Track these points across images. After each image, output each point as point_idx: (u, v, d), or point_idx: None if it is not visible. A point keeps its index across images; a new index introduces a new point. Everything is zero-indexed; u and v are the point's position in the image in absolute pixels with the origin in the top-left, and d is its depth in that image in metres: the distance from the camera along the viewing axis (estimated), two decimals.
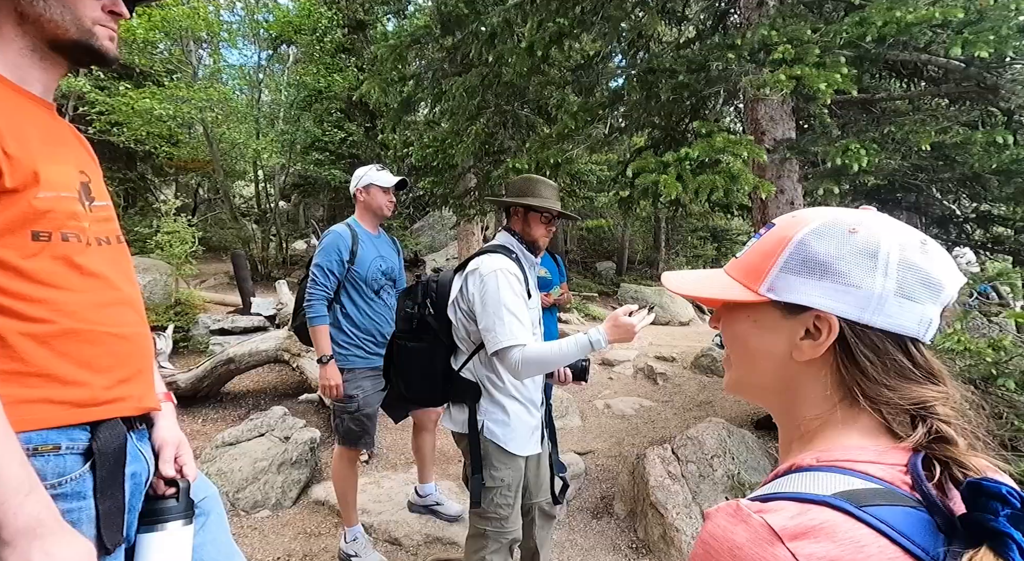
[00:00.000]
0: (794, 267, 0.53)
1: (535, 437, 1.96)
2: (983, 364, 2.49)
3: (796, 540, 0.40)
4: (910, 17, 2.41)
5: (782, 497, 0.45)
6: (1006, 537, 0.39)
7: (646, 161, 2.69)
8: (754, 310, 0.57)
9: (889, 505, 0.43)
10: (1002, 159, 2.44)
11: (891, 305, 0.50)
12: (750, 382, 0.61)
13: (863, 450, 0.49)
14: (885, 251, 0.51)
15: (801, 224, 0.55)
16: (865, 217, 0.54)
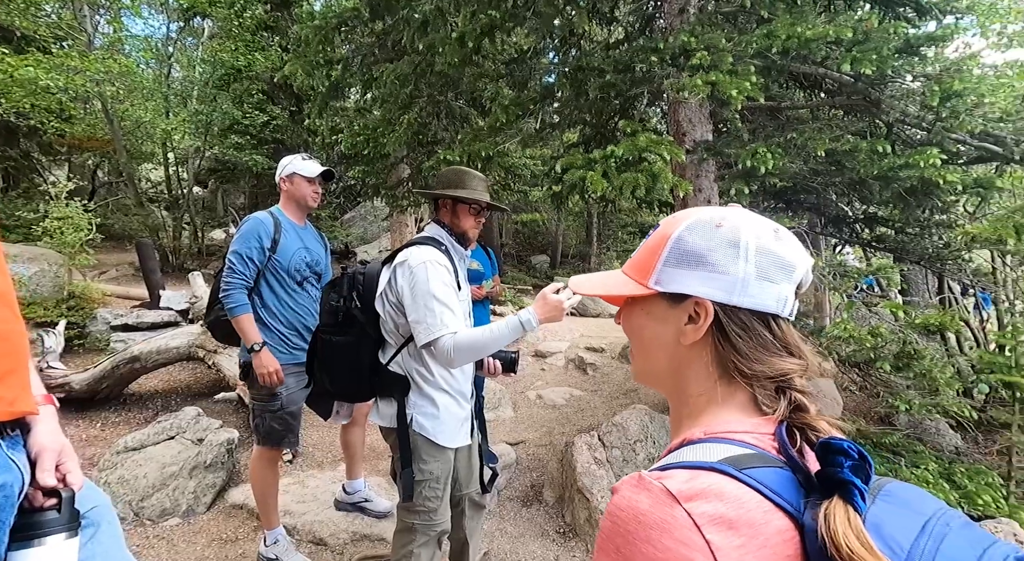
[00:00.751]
0: (674, 261, 0.60)
1: (465, 429, 1.97)
2: (864, 349, 2.81)
3: (691, 501, 0.45)
4: (809, 33, 2.64)
5: (677, 466, 0.50)
6: (850, 485, 0.46)
7: (574, 157, 2.76)
8: (646, 303, 0.63)
9: (762, 467, 0.49)
10: (882, 166, 2.75)
11: (753, 287, 0.57)
12: (649, 370, 0.66)
13: (741, 422, 0.56)
14: (745, 240, 0.58)
15: (678, 222, 0.62)
16: (729, 213, 0.61)
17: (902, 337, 2.78)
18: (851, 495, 0.46)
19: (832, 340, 2.99)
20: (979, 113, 2.73)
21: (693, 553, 0.43)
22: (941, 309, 4.33)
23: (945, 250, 3.95)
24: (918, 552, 0.44)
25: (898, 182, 2.90)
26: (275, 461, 2.56)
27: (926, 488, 2.59)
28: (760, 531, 0.44)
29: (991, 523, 2.37)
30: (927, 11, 3.43)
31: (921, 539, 0.45)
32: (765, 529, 0.44)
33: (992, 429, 3.68)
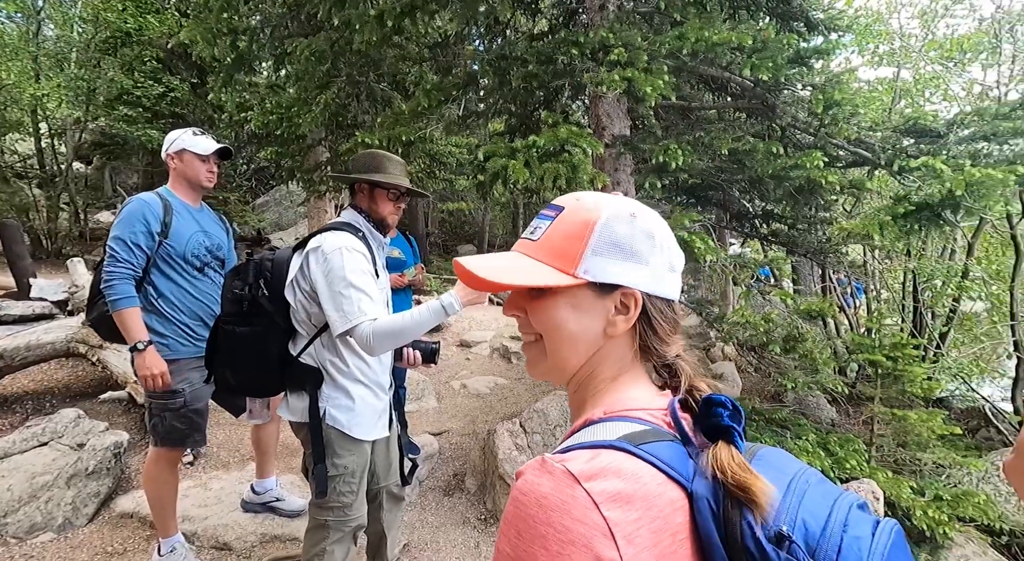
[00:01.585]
0: (603, 250, 0.59)
1: (383, 421, 1.92)
2: (758, 334, 3.08)
3: (591, 480, 0.47)
4: (715, 38, 2.81)
5: (579, 447, 0.52)
6: (731, 429, 0.53)
7: (496, 146, 2.76)
8: (570, 294, 0.60)
9: (657, 442, 0.52)
10: (776, 166, 3.01)
11: (667, 276, 0.62)
12: (566, 365, 0.63)
13: (638, 400, 0.59)
14: (656, 232, 0.62)
15: (596, 209, 0.61)
16: (633, 204, 0.63)
17: (789, 322, 3.09)
18: (732, 437, 0.53)
19: (732, 326, 3.26)
20: (854, 122, 3.07)
21: (591, 531, 0.44)
22: (822, 297, 4.84)
23: (827, 244, 4.41)
24: (785, 507, 0.49)
25: (789, 181, 3.19)
26: (175, 463, 2.36)
27: (805, 457, 2.90)
28: (654, 503, 0.47)
29: (855, 483, 2.71)
30: (815, 27, 3.79)
31: (787, 496, 0.50)
32: (659, 501, 0.47)
33: (860, 402, 4.20)
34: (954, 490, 2.89)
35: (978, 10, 5.76)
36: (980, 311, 6.04)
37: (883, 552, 0.47)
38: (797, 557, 0.45)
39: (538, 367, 0.65)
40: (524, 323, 0.65)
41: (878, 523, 0.50)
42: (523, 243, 0.64)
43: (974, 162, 2.61)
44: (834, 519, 0.48)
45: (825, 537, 0.47)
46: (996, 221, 5.09)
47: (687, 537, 0.48)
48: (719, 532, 0.47)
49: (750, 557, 0.46)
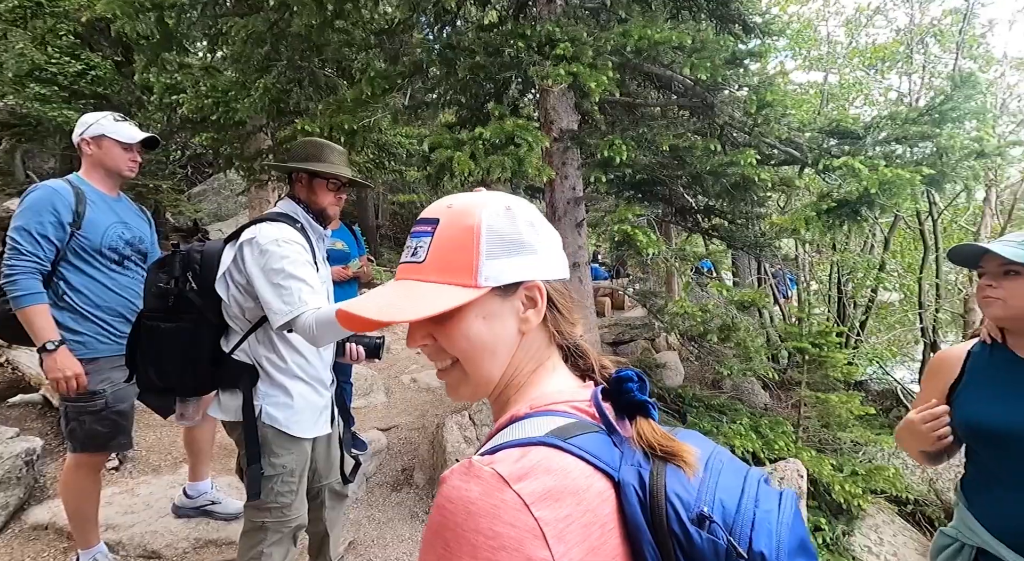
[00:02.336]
0: (496, 251, 0.58)
1: (324, 418, 1.88)
2: (696, 324, 3.23)
3: (521, 480, 0.46)
4: (657, 36, 2.89)
5: (507, 446, 0.51)
6: (645, 403, 0.55)
7: (441, 137, 2.73)
8: (478, 306, 0.58)
9: (583, 434, 0.52)
10: (714, 163, 3.15)
11: (556, 257, 0.63)
12: (492, 378, 0.61)
13: (563, 392, 0.59)
14: (534, 217, 0.62)
15: (472, 212, 0.59)
16: (500, 196, 0.62)
17: (725, 312, 3.25)
18: (648, 411, 0.56)
19: (672, 316, 3.39)
20: (784, 122, 3.24)
21: (522, 533, 0.44)
22: (756, 288, 5.11)
23: (762, 238, 4.66)
24: (705, 488, 0.51)
25: (726, 178, 3.34)
26: (96, 469, 2.21)
27: (739, 440, 3.07)
28: (583, 497, 0.47)
29: (783, 463, 2.89)
30: (752, 30, 3.96)
31: (706, 477, 0.52)
32: (587, 494, 0.48)
33: (790, 387, 4.47)
34: (868, 465, 3.15)
35: (894, 22, 6.24)
36: (895, 301, 6.57)
37: (789, 522, 0.51)
38: (717, 536, 0.47)
39: (461, 390, 0.63)
40: (435, 350, 0.61)
41: (781, 495, 0.54)
42: (408, 268, 0.61)
43: (888, 163, 2.82)
44: (747, 496, 0.51)
45: (740, 514, 0.49)
46: (908, 218, 5.56)
47: (615, 527, 0.48)
48: (646, 518, 0.48)
49: (675, 539, 0.48)
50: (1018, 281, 1.25)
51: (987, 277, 1.31)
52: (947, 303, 5.73)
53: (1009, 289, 1.26)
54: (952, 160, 2.73)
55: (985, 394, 1.33)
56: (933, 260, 5.32)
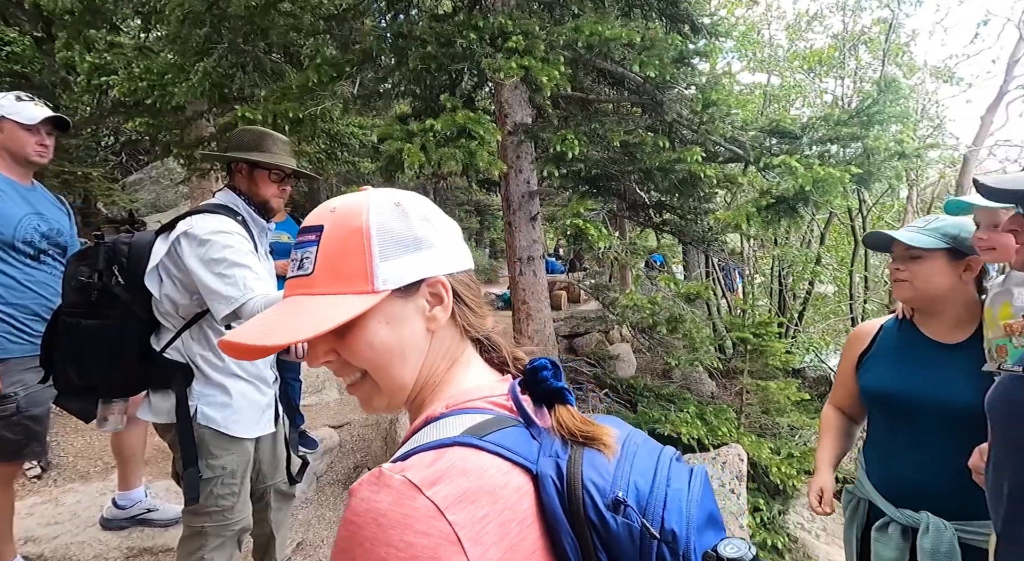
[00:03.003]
0: (391, 251, 0.55)
1: (267, 417, 1.81)
2: (646, 316, 3.32)
3: (434, 486, 0.45)
4: (608, 33, 2.93)
5: (421, 449, 0.49)
6: (562, 390, 0.55)
7: (391, 128, 2.67)
8: (380, 311, 0.55)
9: (500, 429, 0.51)
10: (662, 159, 3.23)
11: (457, 250, 0.61)
12: (406, 385, 0.58)
13: (480, 388, 0.58)
14: (428, 210, 0.61)
15: (358, 213, 0.56)
16: (386, 193, 0.60)
17: (672, 304, 3.36)
18: (565, 397, 0.56)
19: (623, 309, 3.47)
20: (729, 121, 3.36)
21: (436, 541, 0.43)
22: (703, 281, 5.31)
23: (709, 233, 4.83)
24: (620, 473, 0.51)
25: (674, 173, 3.44)
26: (10, 479, 2.06)
27: (685, 427, 3.19)
28: (500, 495, 0.47)
29: (725, 448, 3.03)
30: (700, 30, 4.08)
31: (622, 461, 0.53)
32: (504, 491, 0.47)
33: (734, 375, 4.68)
34: (803, 448, 3.35)
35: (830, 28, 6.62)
36: (830, 292, 6.99)
37: (698, 498, 0.52)
38: (631, 519, 0.48)
39: (376, 402, 0.60)
40: (341, 365, 0.58)
41: (692, 472, 0.56)
42: (296, 282, 0.57)
43: (822, 162, 2.99)
44: (659, 476, 0.52)
45: (653, 495, 0.50)
46: (841, 215, 5.95)
47: (534, 521, 0.48)
48: (563, 508, 0.48)
49: (592, 527, 0.48)
50: (921, 264, 1.37)
51: (896, 261, 1.44)
52: (874, 294, 6.16)
53: (914, 271, 1.38)
54: (878, 160, 2.92)
55: (887, 363, 1.47)
56: (862, 254, 5.70)
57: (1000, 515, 0.93)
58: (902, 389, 1.41)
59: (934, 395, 1.35)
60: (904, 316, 1.51)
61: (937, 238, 1.37)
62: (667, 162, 3.22)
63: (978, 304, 1.40)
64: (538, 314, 4.03)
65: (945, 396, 1.34)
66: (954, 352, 1.38)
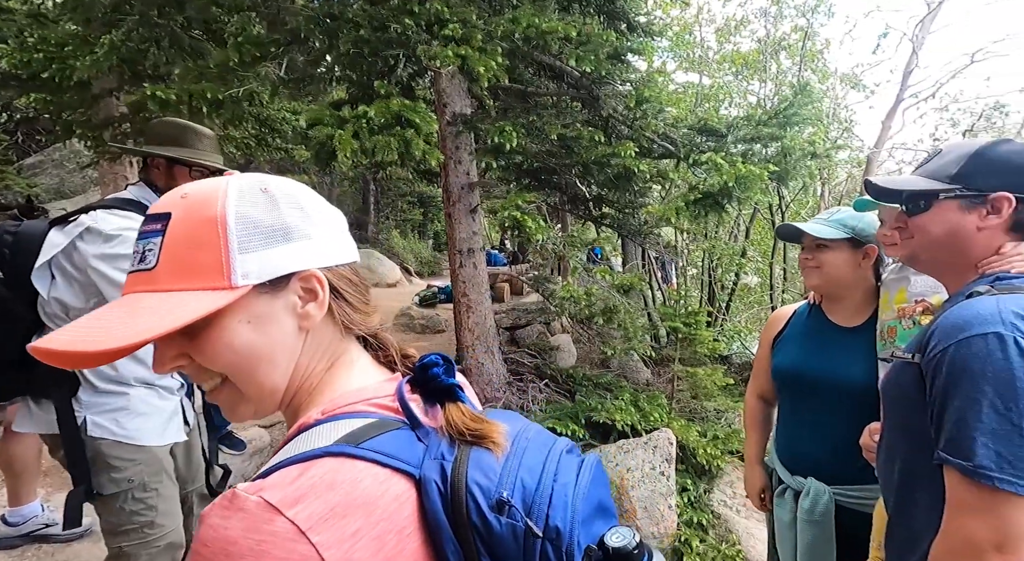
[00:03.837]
0: (254, 243, 0.50)
1: (176, 422, 1.69)
2: (581, 306, 3.40)
3: (296, 505, 0.41)
4: (545, 25, 2.94)
5: (285, 464, 0.45)
6: (453, 387, 0.54)
7: (321, 113, 2.55)
8: (240, 309, 0.50)
9: (380, 434, 0.48)
10: (597, 153, 3.30)
11: (337, 242, 0.57)
12: (276, 389, 0.54)
13: (363, 390, 0.54)
14: (302, 197, 0.55)
15: (214, 199, 0.51)
16: (251, 177, 0.55)
17: (607, 295, 3.45)
18: (456, 394, 0.54)
19: (561, 300, 3.53)
20: (661, 118, 3.48)
21: None
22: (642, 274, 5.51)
23: (644, 227, 5.00)
24: (507, 471, 0.50)
25: (610, 168, 3.52)
26: None
27: (620, 414, 3.29)
28: (376, 506, 0.44)
29: (656, 433, 3.16)
30: (635, 28, 4.18)
31: (510, 459, 0.51)
32: (381, 501, 0.44)
33: (666, 363, 4.89)
34: (727, 430, 3.56)
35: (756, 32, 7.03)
36: (755, 284, 7.46)
37: (585, 490, 0.51)
38: (515, 519, 0.46)
39: (241, 410, 0.54)
40: (196, 370, 0.52)
41: (582, 463, 0.55)
42: (137, 278, 0.50)
43: (744, 160, 3.16)
44: (547, 471, 0.51)
45: (539, 491, 0.49)
46: (763, 211, 6.36)
47: (415, 529, 0.46)
48: (447, 513, 0.46)
49: (476, 532, 0.46)
50: (827, 253, 1.49)
51: (805, 251, 1.56)
52: (792, 284, 6.64)
53: (820, 260, 1.50)
54: (793, 159, 3.14)
55: (794, 346, 1.59)
56: (782, 247, 6.12)
57: (892, 494, 1.01)
58: (804, 368, 1.52)
59: (831, 374, 1.47)
60: (814, 302, 1.63)
61: (840, 229, 1.49)
62: (603, 156, 3.29)
63: (875, 290, 1.53)
64: (479, 306, 4.02)
65: (841, 375, 1.46)
66: (852, 335, 1.51)
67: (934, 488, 0.86)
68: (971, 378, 0.81)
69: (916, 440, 0.92)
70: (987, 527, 0.78)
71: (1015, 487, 0.76)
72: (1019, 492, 0.76)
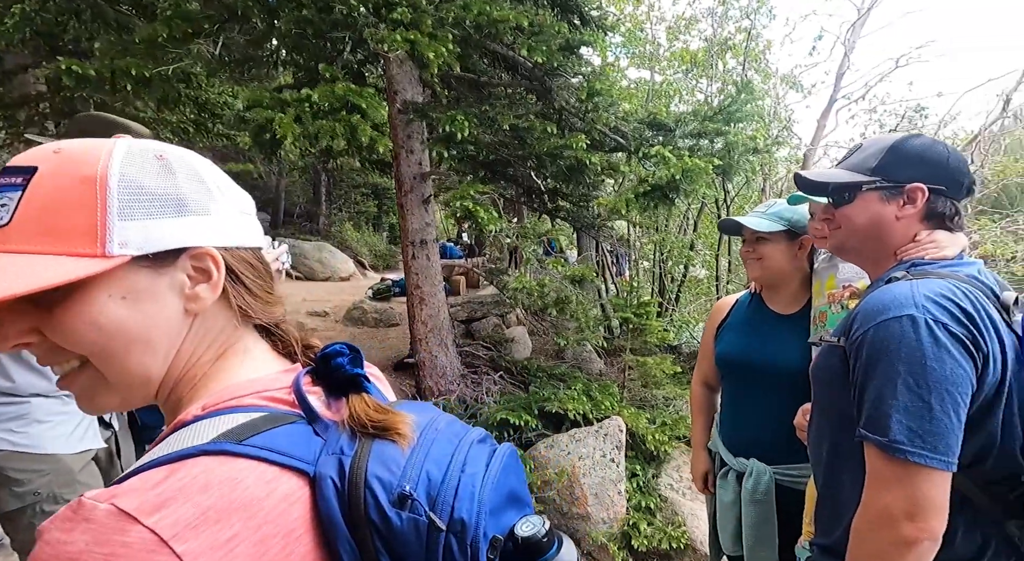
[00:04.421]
0: (137, 209, 0.45)
1: (91, 430, 1.57)
2: (534, 298, 3.41)
3: (158, 511, 0.36)
4: (496, 14, 2.90)
5: (150, 466, 0.40)
6: (357, 377, 0.50)
7: (260, 94, 2.42)
8: (113, 281, 0.44)
9: (270, 429, 0.44)
10: (550, 144, 3.31)
11: (240, 221, 0.53)
12: (149, 377, 0.48)
13: (254, 382, 0.50)
14: (205, 172, 0.51)
15: (95, 158, 0.45)
16: (148, 143, 0.50)
17: (560, 287, 3.48)
18: (361, 385, 0.51)
19: (514, 292, 3.53)
20: (613, 111, 3.52)
21: None
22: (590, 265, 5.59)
23: (598, 220, 5.07)
24: (411, 464, 0.47)
25: (562, 160, 3.53)
26: None
27: (572, 403, 3.33)
28: (260, 508, 0.40)
29: (607, 421, 3.22)
30: (588, 22, 4.21)
31: (415, 452, 0.48)
32: (266, 503, 0.41)
33: (618, 353, 5.00)
34: (675, 416, 3.68)
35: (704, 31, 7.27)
36: (703, 276, 7.75)
37: (494, 481, 0.49)
38: (418, 513, 0.44)
39: (100, 400, 0.48)
40: (48, 351, 0.45)
41: (493, 452, 0.52)
42: None
43: (691, 154, 3.25)
44: (455, 462, 0.48)
45: (445, 483, 0.46)
46: (710, 205, 6.61)
47: (306, 531, 0.42)
48: (343, 511, 0.43)
49: (375, 529, 0.43)
50: (767, 245, 1.56)
51: (746, 244, 1.62)
52: (736, 276, 6.94)
53: (760, 252, 1.56)
54: (737, 154, 3.25)
55: (736, 333, 1.66)
56: (727, 241, 6.37)
57: (820, 471, 1.06)
58: (745, 355, 1.59)
59: (770, 359, 1.54)
60: (755, 291, 1.69)
61: (777, 221, 1.55)
62: (555, 148, 3.30)
63: (810, 278, 1.61)
64: (432, 299, 3.96)
65: (779, 360, 1.52)
66: (789, 322, 1.58)
67: (857, 465, 0.91)
68: (887, 358, 0.86)
69: (841, 420, 0.97)
70: (900, 497, 0.83)
71: (925, 459, 0.81)
72: (929, 464, 0.81)
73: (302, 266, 10.36)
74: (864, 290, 1.20)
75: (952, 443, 0.82)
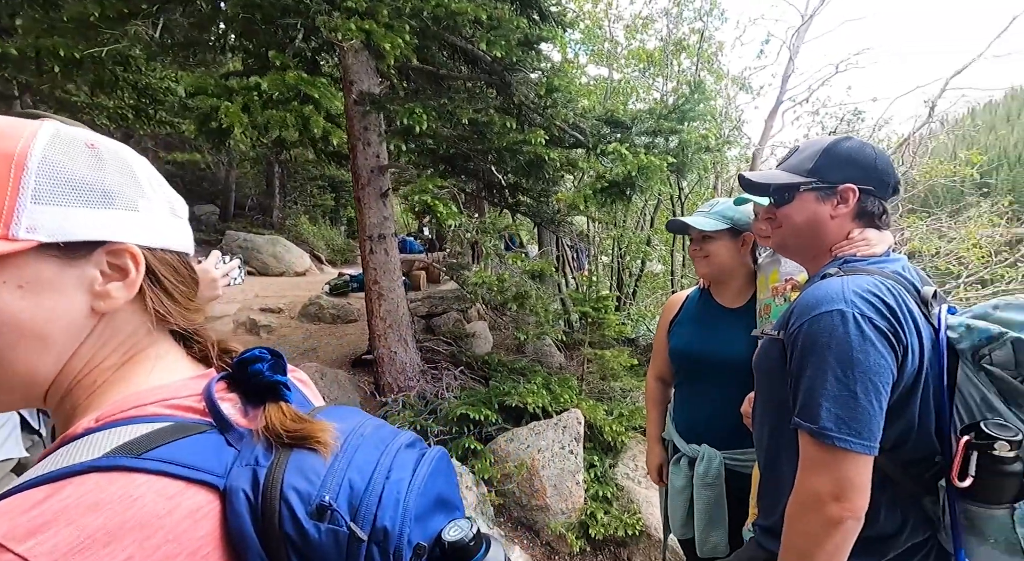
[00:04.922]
0: (55, 195, 0.42)
1: (14, 436, 1.46)
2: (495, 293, 3.41)
3: (33, 537, 0.33)
4: (454, 6, 2.87)
5: (29, 485, 0.37)
6: (277, 384, 0.48)
7: (204, 81, 2.30)
8: (11, 267, 0.41)
9: (174, 440, 0.41)
10: (509, 139, 3.31)
11: (169, 222, 0.50)
12: (36, 377, 0.44)
13: (160, 390, 0.47)
14: (138, 167, 0.49)
15: (16, 136, 0.42)
16: (79, 130, 0.47)
17: (519, 281, 3.50)
18: (280, 393, 0.49)
19: (474, 286, 3.52)
20: (571, 108, 3.56)
21: None
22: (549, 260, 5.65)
23: (558, 215, 5.12)
24: (331, 473, 0.45)
25: (522, 155, 3.54)
26: None
27: (532, 397, 3.37)
28: (159, 526, 0.37)
29: (566, 413, 3.28)
30: (547, 17, 4.22)
31: (336, 461, 0.46)
32: (167, 520, 0.38)
33: (577, 347, 5.08)
34: (631, 407, 3.78)
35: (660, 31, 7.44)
36: (659, 271, 7.97)
37: (420, 486, 0.47)
38: (338, 524, 0.42)
39: None
40: None
41: (421, 456, 0.51)
42: None
43: (647, 151, 3.32)
44: (380, 469, 0.46)
45: (369, 492, 0.44)
46: (666, 202, 6.81)
47: (215, 548, 0.40)
48: (256, 525, 0.41)
49: (290, 543, 0.41)
50: (712, 243, 1.63)
51: (694, 242, 1.68)
52: (690, 271, 7.17)
53: (707, 250, 1.63)
54: (690, 152, 3.35)
55: (687, 327, 1.72)
56: (682, 237, 6.58)
57: (763, 456, 1.12)
58: (696, 348, 1.66)
59: (717, 351, 1.61)
60: (703, 287, 1.76)
61: (720, 220, 1.61)
62: (514, 143, 3.30)
63: (754, 273, 1.68)
64: (390, 294, 3.90)
65: (727, 352, 1.59)
66: (736, 315, 1.65)
67: (794, 451, 0.96)
68: (819, 350, 0.91)
69: (780, 407, 1.03)
70: (828, 480, 0.88)
71: (849, 444, 0.87)
72: (853, 449, 0.87)
73: (255, 261, 9.98)
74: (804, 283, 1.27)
75: (875, 429, 0.88)
